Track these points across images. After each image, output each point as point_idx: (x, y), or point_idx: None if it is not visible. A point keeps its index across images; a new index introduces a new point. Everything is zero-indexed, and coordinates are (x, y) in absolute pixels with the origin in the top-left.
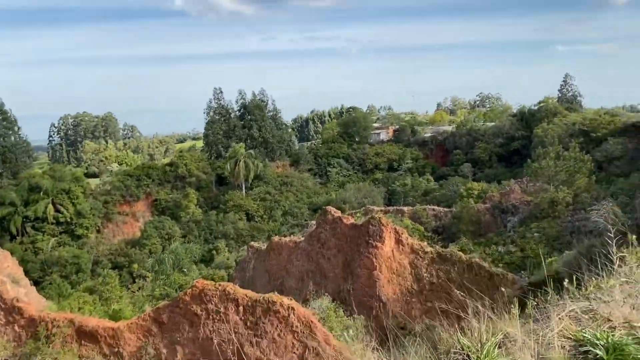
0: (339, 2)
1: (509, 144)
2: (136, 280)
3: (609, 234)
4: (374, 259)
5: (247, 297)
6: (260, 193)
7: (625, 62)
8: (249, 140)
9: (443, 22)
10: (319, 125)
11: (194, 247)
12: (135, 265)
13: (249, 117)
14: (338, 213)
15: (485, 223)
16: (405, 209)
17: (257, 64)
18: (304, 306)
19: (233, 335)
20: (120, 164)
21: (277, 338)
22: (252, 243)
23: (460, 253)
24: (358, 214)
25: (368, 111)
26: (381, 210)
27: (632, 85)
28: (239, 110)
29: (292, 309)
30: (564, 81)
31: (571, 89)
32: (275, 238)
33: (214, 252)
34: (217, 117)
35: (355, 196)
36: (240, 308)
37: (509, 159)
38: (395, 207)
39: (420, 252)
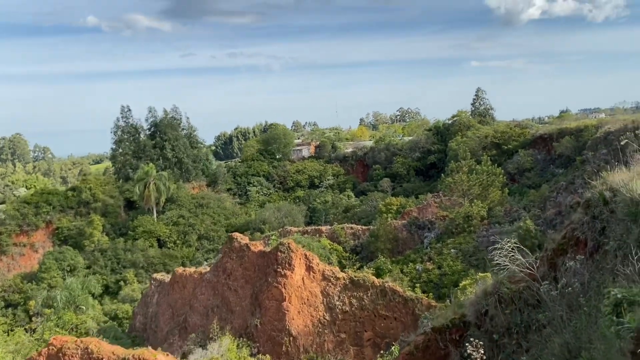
0: (259, 19)
1: (426, 157)
2: (33, 319)
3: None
4: (283, 289)
5: (114, 355)
6: (173, 217)
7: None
8: (161, 161)
9: (364, 39)
10: (243, 142)
11: (93, 281)
12: (32, 302)
13: (161, 136)
14: (245, 240)
15: (403, 240)
16: (324, 228)
17: (178, 80)
18: (208, 344)
19: None
20: (28, 188)
21: None
22: (156, 275)
23: (373, 278)
24: (273, 237)
25: (293, 127)
26: (299, 231)
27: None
28: (149, 129)
29: None
30: (476, 95)
31: (483, 103)
32: (179, 269)
33: (122, 282)
34: (125, 136)
35: (275, 216)
36: None
37: (426, 173)
38: (313, 227)
39: (332, 278)
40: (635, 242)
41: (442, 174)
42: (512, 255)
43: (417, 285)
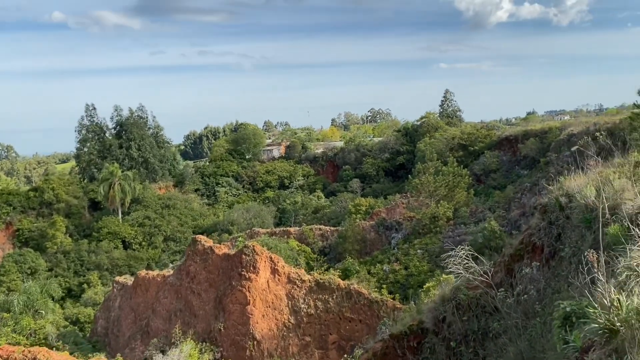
0: (230, 18)
1: (395, 158)
2: None
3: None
4: (248, 292)
5: None
6: (139, 218)
7: (499, 78)
8: (127, 161)
9: (336, 40)
10: (213, 141)
11: (54, 284)
12: None
13: (127, 135)
14: (209, 242)
15: (371, 241)
16: (292, 229)
17: (148, 79)
18: (170, 349)
19: None
20: None
21: None
22: (118, 278)
23: (339, 280)
24: (240, 238)
25: (265, 127)
26: (267, 232)
27: (506, 99)
28: (115, 128)
29: None
30: (444, 97)
31: (451, 104)
32: (142, 273)
33: (85, 285)
34: (90, 135)
35: (244, 217)
36: None
37: (395, 174)
38: (281, 229)
39: (297, 281)
40: (589, 250)
41: (410, 175)
42: (467, 263)
43: (384, 286)
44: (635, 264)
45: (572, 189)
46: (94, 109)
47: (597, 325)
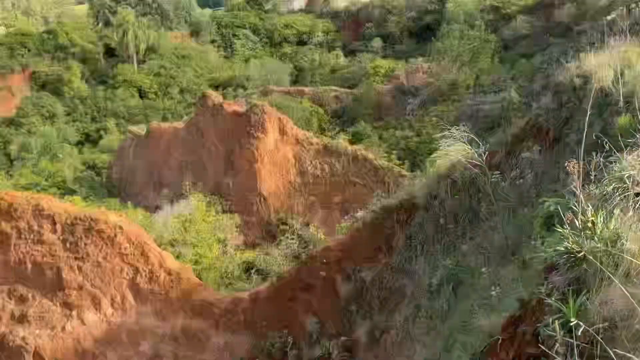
0: None
1: (422, 18)
2: (14, 163)
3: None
4: (256, 151)
5: (65, 213)
6: (154, 67)
7: None
8: (140, 7)
9: None
10: None
11: (69, 129)
12: (13, 147)
13: None
14: (219, 99)
15: (386, 105)
16: (307, 89)
17: None
18: (178, 201)
19: (50, 258)
20: (8, 27)
21: (102, 261)
22: (131, 128)
23: (347, 144)
24: (254, 96)
25: None
26: (282, 91)
27: None
28: None
29: (120, 228)
30: None
31: None
32: (154, 124)
33: (102, 132)
34: None
35: (260, 73)
36: (58, 226)
37: (421, 35)
38: (296, 88)
39: (305, 143)
40: (595, 138)
41: (433, 38)
42: (463, 142)
43: (394, 152)
44: (626, 175)
45: (590, 68)
46: None
47: (562, 249)
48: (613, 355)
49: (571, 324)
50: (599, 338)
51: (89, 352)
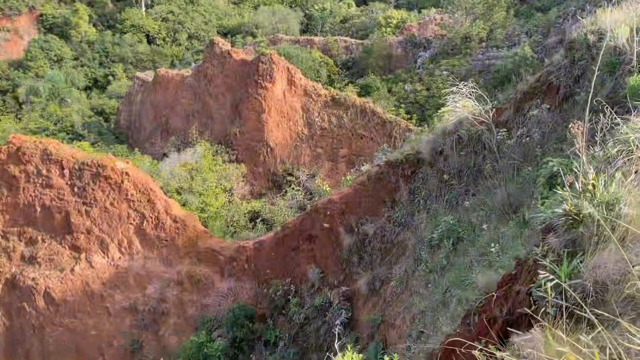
0: None
1: None
2: (23, 107)
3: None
4: (263, 101)
5: (73, 158)
6: (162, 12)
7: None
8: None
9: None
10: None
11: (76, 73)
12: (20, 90)
13: None
14: (227, 46)
15: (396, 58)
16: (317, 39)
17: None
18: (185, 149)
19: (58, 202)
20: None
21: (110, 207)
22: (139, 74)
23: (355, 97)
24: (262, 44)
25: None
26: (291, 40)
27: None
28: None
29: (127, 174)
30: None
31: None
32: (162, 70)
33: (110, 77)
34: None
35: (269, 20)
36: (66, 171)
37: None
38: (306, 37)
39: (313, 94)
40: (605, 98)
41: None
42: (470, 99)
43: (403, 106)
44: (632, 138)
45: (605, 25)
46: None
47: (560, 211)
48: (595, 322)
49: (563, 285)
50: (589, 301)
51: (97, 293)
